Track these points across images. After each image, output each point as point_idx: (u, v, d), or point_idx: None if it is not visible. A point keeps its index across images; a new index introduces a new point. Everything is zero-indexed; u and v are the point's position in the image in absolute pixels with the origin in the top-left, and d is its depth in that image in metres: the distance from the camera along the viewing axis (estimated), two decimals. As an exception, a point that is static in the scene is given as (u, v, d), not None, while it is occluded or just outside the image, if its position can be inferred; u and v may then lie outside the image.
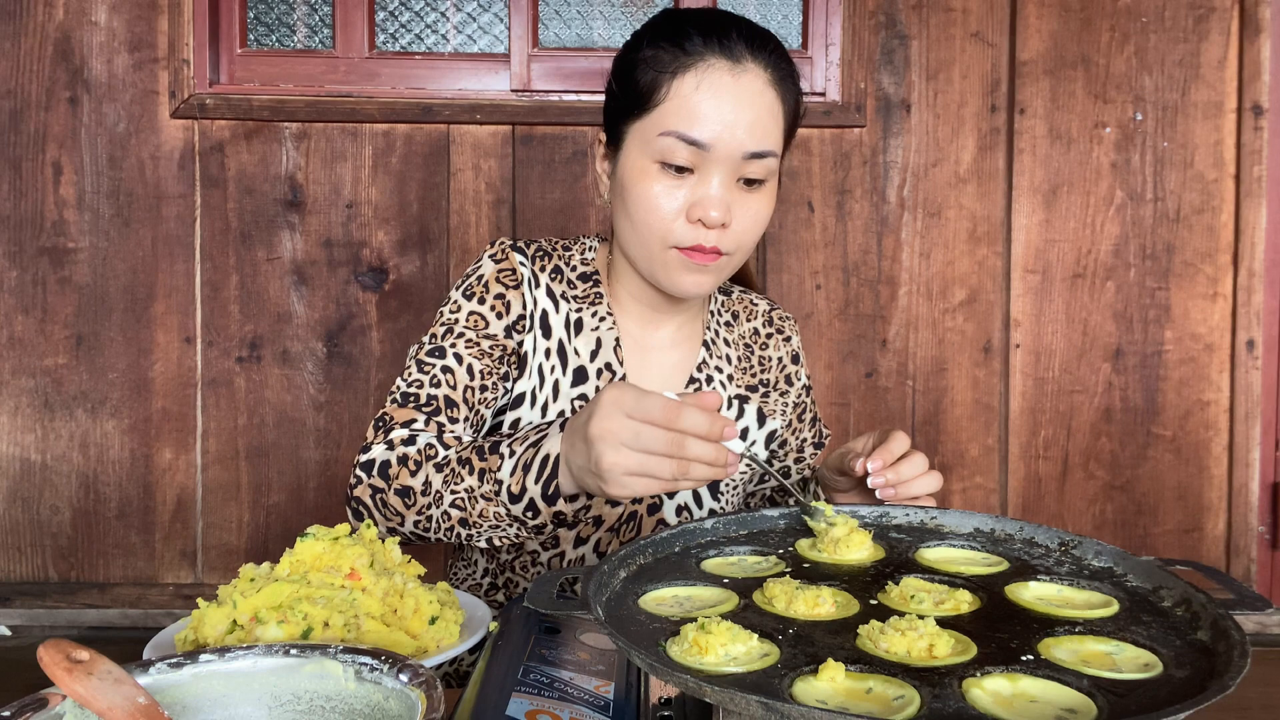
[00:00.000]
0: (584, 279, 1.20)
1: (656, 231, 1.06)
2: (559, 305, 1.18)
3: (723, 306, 1.27)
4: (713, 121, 1.03)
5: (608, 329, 1.18)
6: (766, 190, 1.08)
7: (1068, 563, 0.80)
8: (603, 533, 1.17)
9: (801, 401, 1.30)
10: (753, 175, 1.05)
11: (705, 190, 1.04)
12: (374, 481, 1.01)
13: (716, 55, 1.04)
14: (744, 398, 1.24)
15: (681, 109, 1.04)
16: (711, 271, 1.08)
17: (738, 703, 0.55)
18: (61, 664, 0.59)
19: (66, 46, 2.16)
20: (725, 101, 1.03)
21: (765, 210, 1.09)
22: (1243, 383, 2.22)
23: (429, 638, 0.84)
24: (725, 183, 1.04)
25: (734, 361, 1.25)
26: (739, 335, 1.27)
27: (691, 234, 1.05)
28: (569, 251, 1.22)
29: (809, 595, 0.71)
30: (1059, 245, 2.23)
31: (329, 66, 2.25)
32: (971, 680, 0.60)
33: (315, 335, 2.21)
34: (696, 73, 1.04)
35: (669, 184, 1.05)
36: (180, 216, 2.19)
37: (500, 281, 1.16)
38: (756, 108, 1.04)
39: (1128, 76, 2.20)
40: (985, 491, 2.26)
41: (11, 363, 2.20)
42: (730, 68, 1.04)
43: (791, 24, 2.26)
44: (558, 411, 1.16)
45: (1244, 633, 0.61)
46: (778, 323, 1.31)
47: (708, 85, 1.03)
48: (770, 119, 1.05)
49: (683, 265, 1.07)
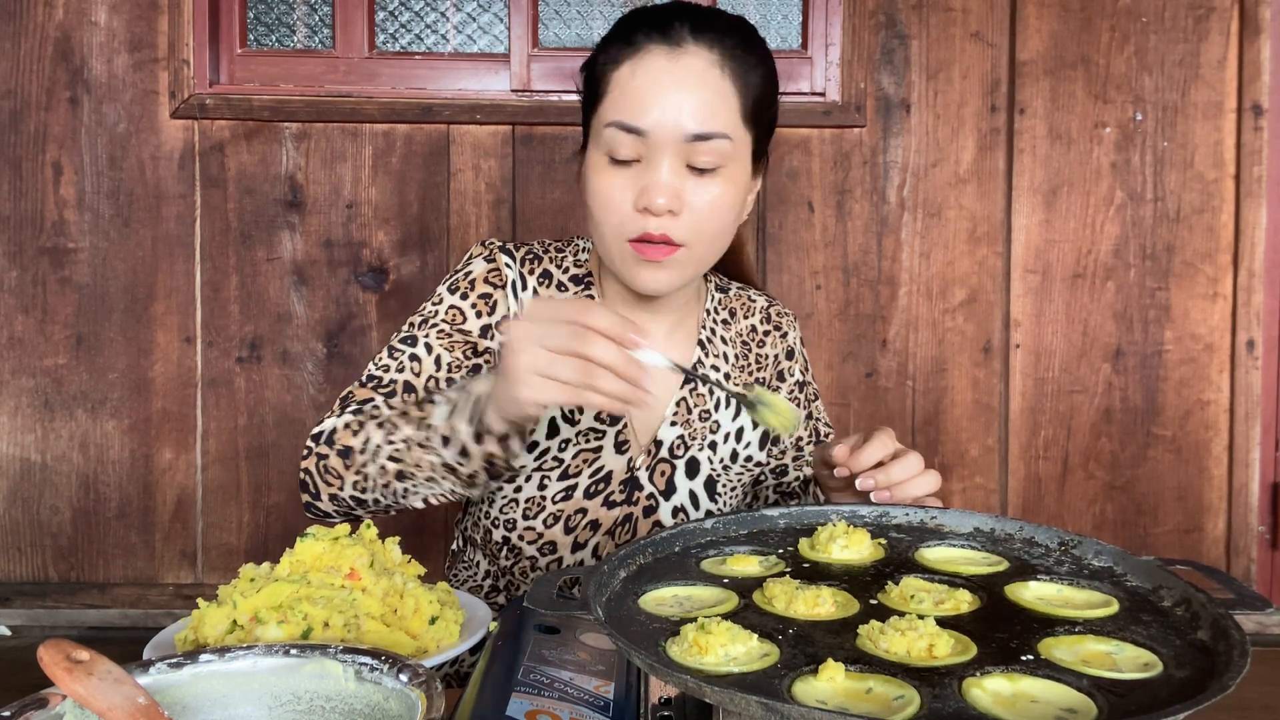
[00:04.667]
0: (576, 281, 1.19)
1: (610, 225, 1.06)
2: None
3: (720, 304, 1.26)
4: (651, 106, 1.01)
5: None
6: (723, 177, 1.05)
7: (1068, 562, 0.80)
8: (599, 537, 1.17)
9: (794, 398, 1.29)
10: (701, 160, 1.02)
11: (651, 177, 1.02)
12: (319, 449, 1.01)
13: (656, 43, 1.03)
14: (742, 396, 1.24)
15: (621, 98, 1.03)
16: (668, 267, 1.06)
17: (738, 703, 0.55)
18: (61, 664, 0.59)
19: (66, 46, 2.16)
20: (663, 85, 1.02)
21: (725, 197, 1.05)
22: (1243, 383, 2.22)
23: (429, 638, 0.84)
24: (673, 169, 1.02)
25: (731, 359, 1.24)
26: (736, 333, 1.26)
27: (640, 223, 1.03)
28: (561, 254, 1.21)
29: (809, 595, 0.71)
30: (1059, 245, 2.23)
31: (329, 66, 2.25)
32: (971, 680, 0.60)
33: (315, 335, 2.21)
34: (634, 61, 1.03)
35: (618, 175, 1.04)
36: (180, 216, 2.19)
37: (488, 281, 1.16)
38: (698, 89, 1.02)
39: (1128, 76, 2.20)
40: (985, 491, 2.26)
41: (11, 363, 2.20)
42: (668, 52, 1.02)
43: (791, 24, 2.26)
44: (548, 418, 1.15)
45: (1244, 632, 0.61)
46: (775, 319, 1.30)
47: (644, 70, 1.02)
48: (717, 100, 1.03)
49: (636, 260, 1.06)
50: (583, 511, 1.16)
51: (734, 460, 1.22)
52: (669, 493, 1.18)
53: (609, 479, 1.16)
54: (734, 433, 1.22)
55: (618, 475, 1.17)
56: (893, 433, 1.01)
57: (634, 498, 1.17)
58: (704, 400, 1.20)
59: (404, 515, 1.30)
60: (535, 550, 1.17)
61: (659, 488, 1.18)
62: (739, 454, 1.23)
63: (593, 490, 1.16)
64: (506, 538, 1.18)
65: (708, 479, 1.20)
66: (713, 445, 1.20)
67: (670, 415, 1.18)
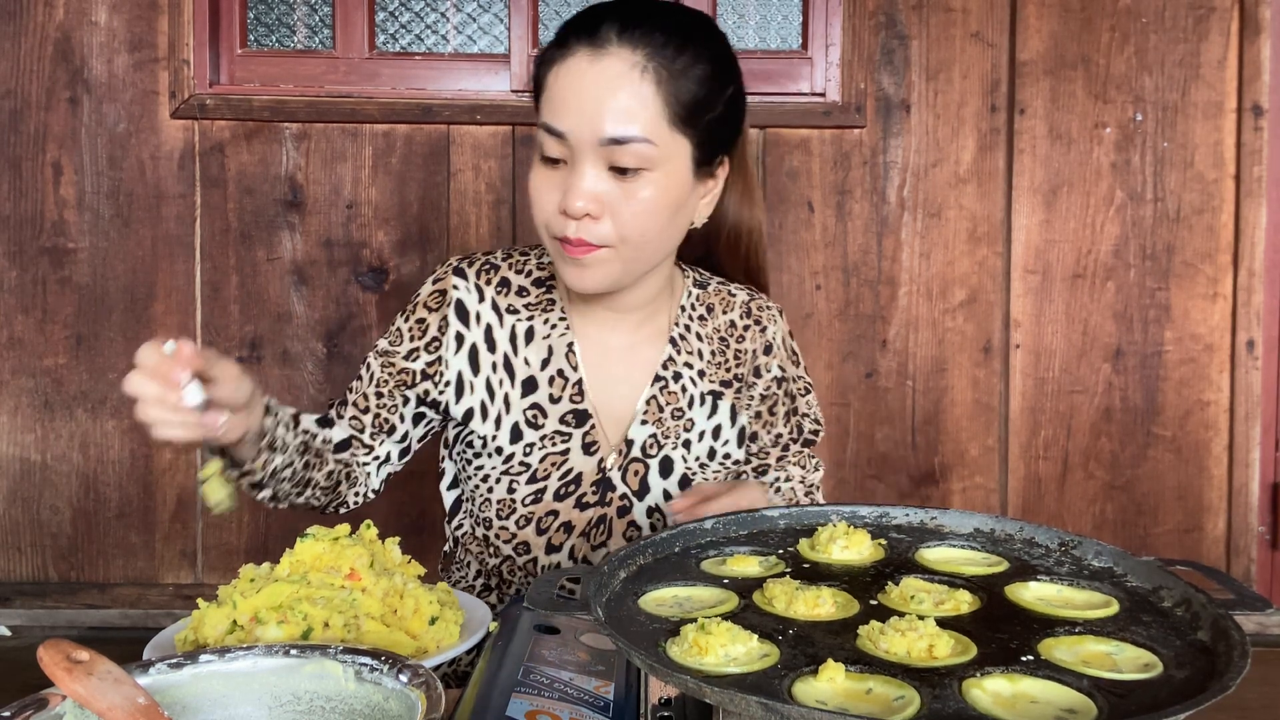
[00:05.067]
0: (538, 284, 1.20)
1: (540, 223, 1.07)
2: (504, 319, 1.18)
3: (697, 301, 1.24)
4: (570, 109, 1.02)
5: (559, 335, 1.17)
6: (650, 180, 1.03)
7: (1068, 563, 0.80)
8: (574, 539, 1.17)
9: (771, 394, 1.26)
10: (622, 163, 1.01)
11: (571, 180, 1.03)
12: None
13: (583, 44, 1.03)
14: (718, 393, 1.22)
15: (548, 100, 1.04)
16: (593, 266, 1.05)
17: (737, 703, 0.55)
18: (61, 664, 0.59)
19: (66, 46, 2.16)
20: (582, 88, 1.02)
21: (653, 200, 1.04)
22: (1243, 383, 2.22)
23: (429, 638, 0.84)
24: (595, 172, 1.02)
25: (706, 356, 1.22)
26: (714, 329, 1.24)
27: (562, 224, 1.04)
28: (525, 258, 1.22)
29: (809, 595, 0.71)
30: (1059, 245, 2.23)
31: (329, 67, 2.25)
32: (971, 681, 0.60)
33: (315, 335, 2.21)
34: (561, 64, 1.04)
35: (547, 176, 1.05)
36: (180, 216, 2.19)
37: (426, 305, 1.18)
38: (617, 91, 1.01)
39: (1128, 76, 2.20)
40: (985, 491, 2.26)
41: (11, 363, 2.20)
42: (590, 54, 1.02)
43: (791, 24, 2.26)
44: (511, 424, 1.16)
45: (1244, 633, 0.61)
46: (755, 313, 1.27)
47: (565, 74, 1.03)
48: (634, 103, 1.01)
49: (561, 258, 1.07)
50: (554, 514, 1.16)
51: (711, 458, 1.21)
52: (642, 493, 1.17)
53: (579, 480, 1.16)
54: (710, 430, 1.21)
55: (588, 477, 1.16)
56: (759, 499, 1.02)
57: (607, 499, 1.17)
58: (676, 398, 1.19)
59: (403, 516, 1.31)
60: (511, 550, 1.17)
61: (632, 488, 1.17)
62: (716, 451, 1.21)
63: (563, 492, 1.16)
64: (487, 536, 1.19)
65: (683, 478, 1.19)
66: (687, 444, 1.19)
67: (640, 414, 1.17)
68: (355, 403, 1.17)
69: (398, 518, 2.12)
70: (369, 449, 1.17)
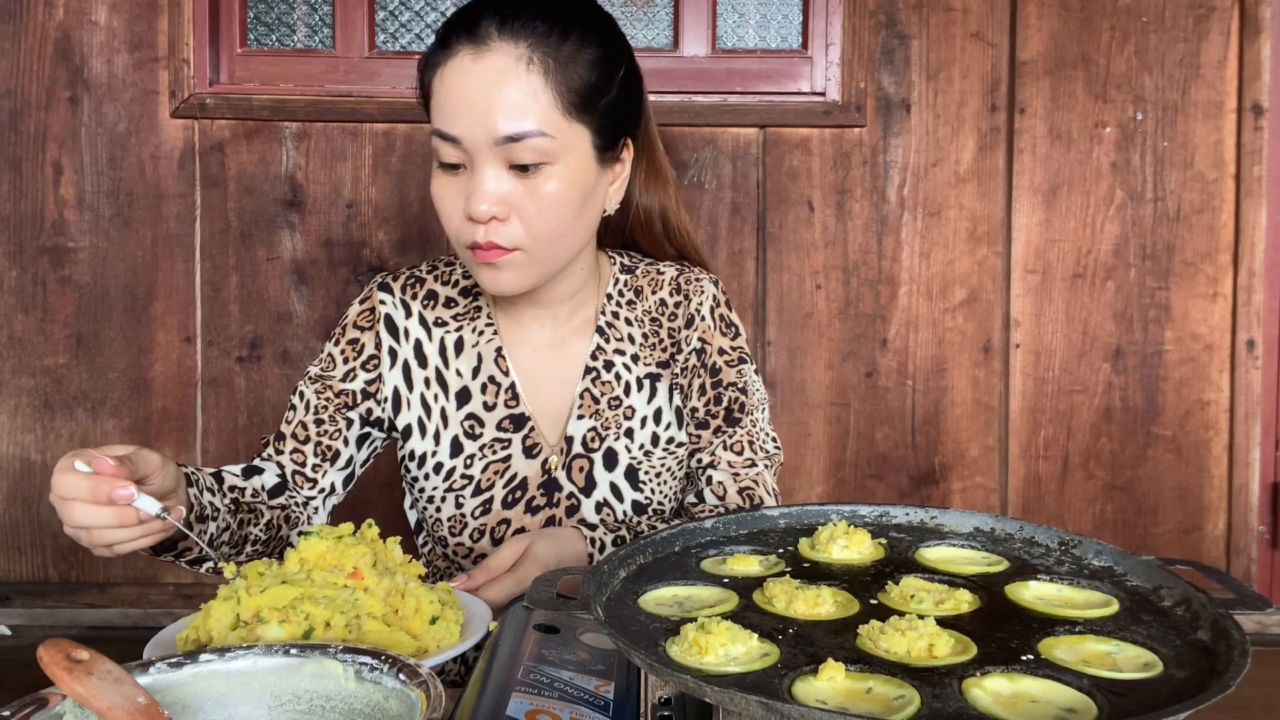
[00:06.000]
0: (465, 294, 1.19)
1: (451, 234, 1.05)
2: (432, 333, 1.17)
3: (625, 285, 1.21)
4: (459, 112, 0.99)
5: (486, 342, 1.17)
6: (552, 173, 1.01)
7: (1068, 562, 0.80)
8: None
9: (691, 366, 1.20)
10: (522, 159, 0.99)
11: (473, 184, 1.01)
12: None
13: (464, 44, 1.00)
14: (655, 375, 1.19)
15: (437, 105, 1.02)
16: (508, 268, 1.04)
17: (737, 703, 0.55)
18: (61, 664, 0.59)
19: (66, 46, 2.16)
20: (468, 89, 0.99)
21: (559, 194, 1.02)
22: (1243, 383, 2.22)
23: (429, 638, 0.84)
24: (496, 173, 1.00)
25: (639, 341, 1.19)
26: (644, 311, 1.20)
27: (469, 231, 1.02)
28: (451, 268, 1.20)
29: (809, 595, 0.71)
30: (1059, 245, 2.23)
31: (329, 66, 2.25)
32: (971, 680, 0.60)
33: (315, 335, 2.21)
34: (445, 66, 1.01)
35: (447, 184, 1.03)
36: (180, 216, 2.19)
37: (357, 325, 1.18)
38: (504, 89, 0.98)
39: (1128, 76, 2.20)
40: (985, 491, 2.26)
41: (11, 362, 2.20)
42: (472, 53, 0.99)
43: (791, 24, 2.26)
44: (450, 437, 1.15)
45: (1244, 632, 0.61)
46: (684, 288, 1.22)
47: (450, 76, 1.00)
48: (524, 97, 0.99)
49: (476, 264, 1.04)
50: (505, 522, 1.15)
51: (655, 444, 1.18)
52: (589, 489, 1.15)
53: (525, 485, 1.15)
54: (651, 415, 1.18)
55: (534, 480, 1.15)
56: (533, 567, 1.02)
57: (555, 499, 1.15)
58: (610, 388, 1.17)
59: (404, 515, 1.31)
60: (472, 564, 1.16)
61: (578, 485, 1.15)
62: (659, 437, 1.18)
63: (510, 499, 1.15)
64: (445, 553, 1.19)
65: (628, 469, 1.16)
66: (629, 432, 1.16)
67: (576, 409, 1.16)
68: (294, 434, 1.14)
69: (397, 518, 2.12)
70: (312, 482, 1.15)
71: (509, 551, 1.03)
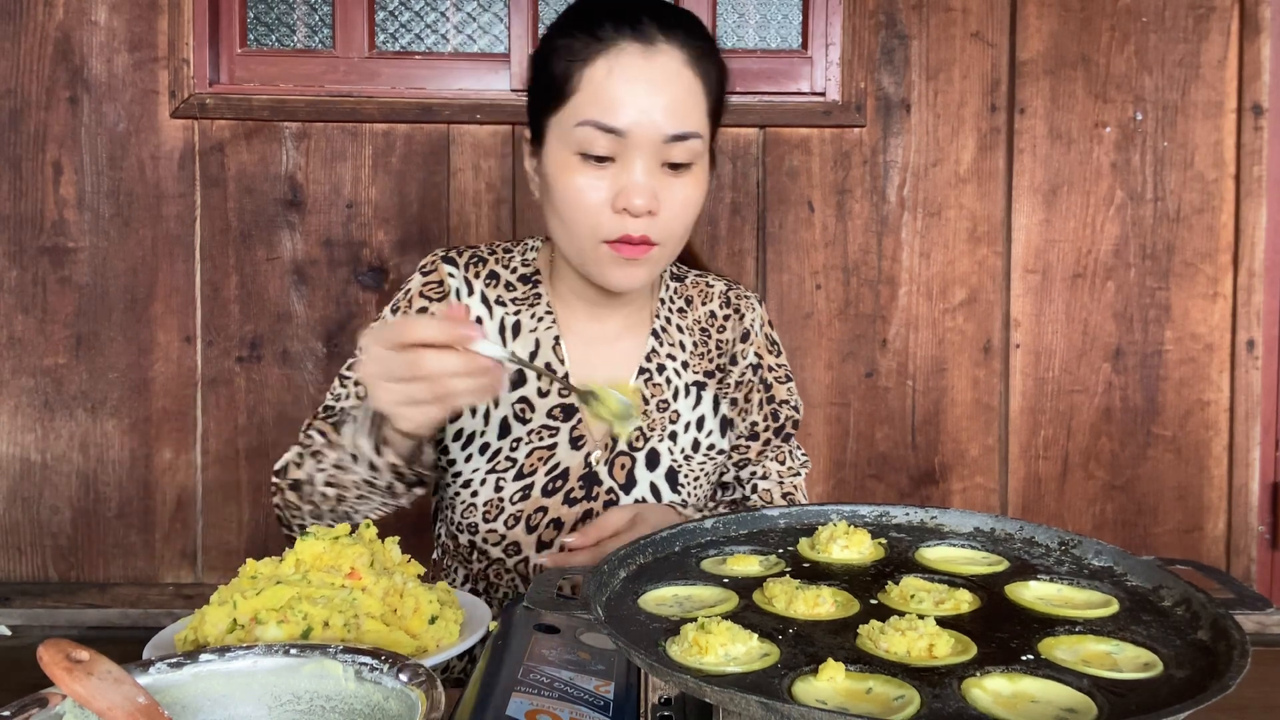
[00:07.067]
0: (524, 280, 1.19)
1: (584, 226, 1.04)
2: (493, 311, 1.17)
3: (676, 293, 1.24)
4: (629, 107, 1.00)
5: (546, 329, 1.17)
6: (694, 174, 1.05)
7: (1068, 562, 0.80)
8: (566, 536, 1.17)
9: (747, 381, 1.25)
10: (676, 159, 1.02)
11: (628, 178, 1.01)
12: (277, 482, 1.07)
13: (628, 39, 1.01)
14: (701, 384, 1.21)
15: (596, 97, 1.02)
16: (643, 264, 1.06)
17: (737, 703, 0.55)
18: (61, 664, 0.59)
19: (66, 46, 2.16)
20: (639, 85, 1.00)
21: (695, 195, 1.06)
22: (1243, 383, 2.22)
23: (429, 637, 0.84)
24: (648, 169, 1.02)
25: (689, 348, 1.22)
26: (694, 320, 1.24)
27: (618, 225, 1.02)
28: (510, 254, 1.21)
29: (809, 595, 0.71)
30: (1059, 245, 2.23)
31: (329, 66, 2.25)
32: (971, 680, 0.60)
33: (315, 335, 2.21)
34: (608, 58, 1.01)
35: (591, 175, 1.03)
36: (180, 216, 2.19)
37: (424, 295, 1.16)
38: (673, 89, 1.01)
39: (1128, 76, 2.20)
40: (985, 491, 2.26)
41: (11, 363, 2.20)
42: (643, 50, 1.01)
43: (791, 24, 2.26)
44: (500, 418, 1.15)
45: (1244, 632, 0.61)
46: (735, 302, 1.27)
47: (620, 70, 1.01)
48: (690, 99, 1.03)
49: (613, 260, 1.05)
50: (542, 510, 1.16)
51: (695, 450, 1.20)
52: (629, 486, 1.17)
53: (566, 475, 1.16)
54: (695, 421, 1.20)
55: (575, 471, 1.16)
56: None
57: (594, 493, 1.16)
58: (661, 390, 1.19)
59: (403, 515, 1.30)
60: (501, 553, 1.16)
61: (619, 482, 1.17)
62: (700, 443, 1.21)
63: (550, 488, 1.15)
64: (472, 542, 1.18)
65: (669, 470, 1.18)
66: (673, 435, 1.19)
67: None
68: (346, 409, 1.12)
69: (396, 517, 2.12)
70: None
71: (619, 515, 1.04)
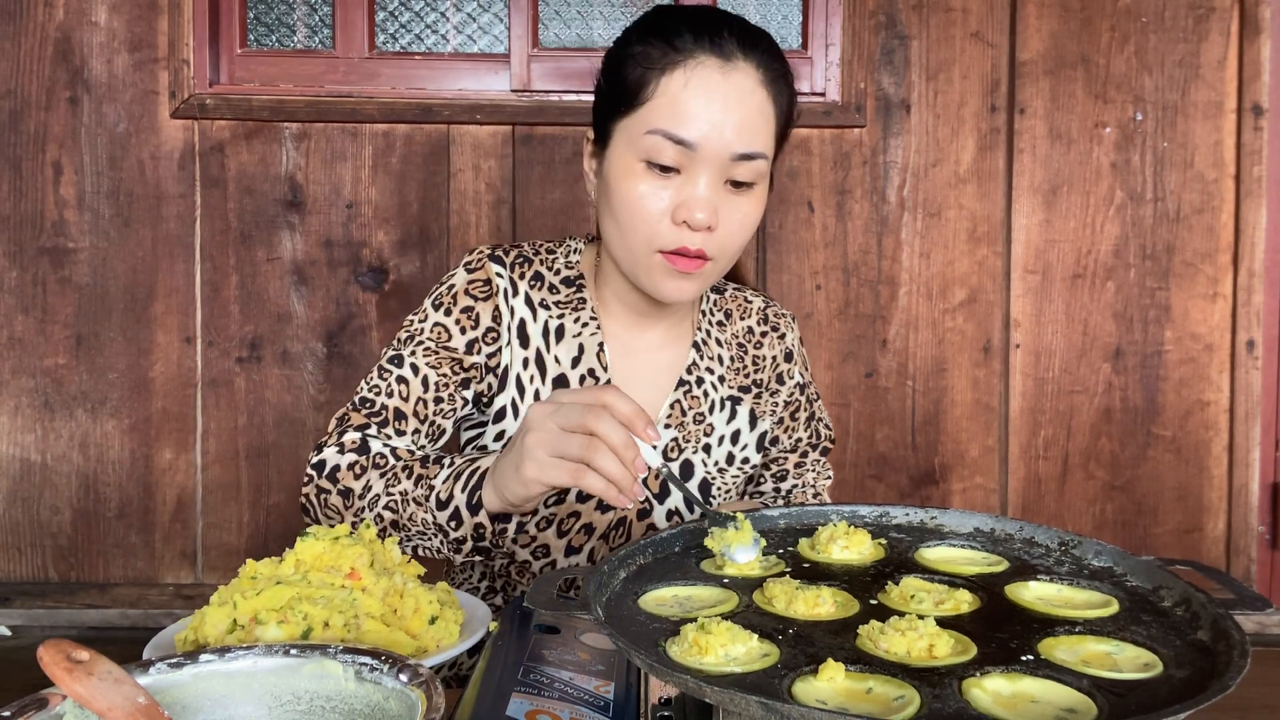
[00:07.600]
0: (567, 283, 1.18)
1: (641, 233, 1.04)
2: (537, 314, 1.16)
3: (715, 306, 1.25)
4: (701, 121, 1.00)
5: (590, 334, 1.16)
6: (755, 194, 1.05)
7: (1068, 562, 0.80)
8: (594, 541, 1.16)
9: (795, 400, 1.27)
10: (741, 177, 1.03)
11: (692, 191, 1.01)
12: (321, 483, 1.04)
13: (707, 53, 1.01)
14: (736, 399, 1.22)
15: (669, 107, 1.01)
16: (696, 278, 1.06)
17: (738, 703, 0.55)
18: (61, 664, 0.59)
19: (66, 46, 2.16)
20: (714, 101, 1.00)
21: (753, 214, 1.06)
22: (1243, 383, 2.22)
23: (429, 638, 0.84)
24: (712, 184, 1.02)
25: (726, 362, 1.23)
26: (732, 335, 1.24)
27: (675, 236, 1.02)
28: (553, 255, 1.20)
29: (809, 595, 0.71)
30: (1059, 245, 2.23)
31: (329, 66, 2.25)
32: (971, 680, 0.60)
33: (315, 335, 2.21)
34: (686, 70, 1.01)
35: (655, 184, 1.02)
36: (180, 216, 2.19)
37: (470, 293, 1.14)
38: (746, 108, 1.01)
39: (1128, 76, 2.20)
40: (985, 491, 2.26)
41: (11, 363, 2.20)
42: (720, 66, 1.01)
43: (791, 24, 2.26)
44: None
45: (1244, 633, 0.61)
46: (773, 320, 1.28)
47: (697, 83, 1.01)
48: (760, 120, 1.03)
49: (666, 271, 1.05)
50: (575, 515, 1.16)
51: (730, 463, 1.21)
52: (663, 496, 1.18)
53: None
54: (729, 435, 1.21)
55: None
56: None
57: None
58: (699, 403, 1.20)
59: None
60: (529, 554, 1.16)
61: (653, 491, 1.17)
62: (735, 456, 1.22)
63: (584, 494, 1.15)
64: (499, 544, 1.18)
65: (702, 482, 1.19)
66: (707, 448, 1.20)
67: (664, 418, 1.17)
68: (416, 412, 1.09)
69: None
70: None
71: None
